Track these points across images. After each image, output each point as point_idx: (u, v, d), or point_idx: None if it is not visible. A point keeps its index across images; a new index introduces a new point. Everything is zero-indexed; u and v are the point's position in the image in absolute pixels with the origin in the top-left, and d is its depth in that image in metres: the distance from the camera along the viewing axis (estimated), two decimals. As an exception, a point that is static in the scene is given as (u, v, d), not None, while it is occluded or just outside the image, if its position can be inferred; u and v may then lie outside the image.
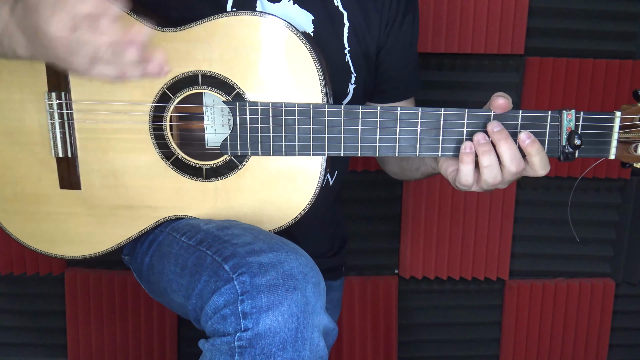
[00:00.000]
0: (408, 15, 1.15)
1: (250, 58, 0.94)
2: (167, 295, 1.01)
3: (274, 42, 0.93)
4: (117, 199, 1.03)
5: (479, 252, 1.73)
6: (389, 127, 0.94)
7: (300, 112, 0.94)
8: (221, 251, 0.86)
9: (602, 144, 0.92)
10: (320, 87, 0.94)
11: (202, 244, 0.91)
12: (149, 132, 0.99)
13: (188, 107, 1.01)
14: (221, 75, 0.95)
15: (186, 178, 1.01)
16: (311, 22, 1.07)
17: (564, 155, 0.92)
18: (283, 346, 0.78)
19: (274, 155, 0.96)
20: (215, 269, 0.85)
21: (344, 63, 1.10)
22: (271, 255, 0.83)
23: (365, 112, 0.93)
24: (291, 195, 0.99)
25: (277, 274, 0.80)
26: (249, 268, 0.81)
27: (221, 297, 0.81)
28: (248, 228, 0.94)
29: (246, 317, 0.79)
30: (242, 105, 0.94)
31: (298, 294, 0.80)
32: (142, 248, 1.09)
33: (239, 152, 0.97)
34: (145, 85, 0.97)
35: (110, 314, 1.74)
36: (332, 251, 1.32)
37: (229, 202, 1.00)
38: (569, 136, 0.90)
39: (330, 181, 1.20)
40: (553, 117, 0.91)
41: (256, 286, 0.79)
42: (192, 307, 0.89)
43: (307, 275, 0.82)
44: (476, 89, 1.64)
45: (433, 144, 0.94)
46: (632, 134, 0.91)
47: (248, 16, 0.93)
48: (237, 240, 0.88)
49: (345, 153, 0.95)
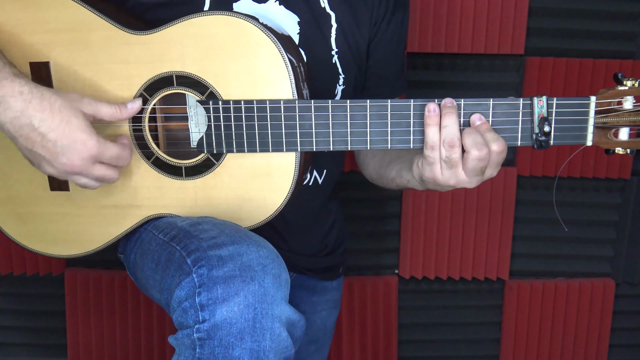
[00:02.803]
0: (397, 12, 1.15)
1: (222, 57, 0.95)
2: (148, 290, 1.03)
3: (245, 41, 0.94)
4: (103, 199, 1.05)
5: (479, 252, 1.73)
6: (359, 120, 0.94)
7: (271, 109, 0.95)
8: (187, 246, 0.88)
9: (578, 130, 0.90)
10: (290, 84, 0.94)
11: (174, 240, 0.93)
12: (129, 133, 1.01)
13: (171, 107, 1.03)
14: (194, 75, 0.97)
15: (166, 177, 1.03)
16: (297, 23, 1.07)
17: (538, 143, 0.90)
18: (241, 336, 0.78)
19: (249, 152, 0.97)
20: (180, 263, 0.86)
21: (331, 64, 1.10)
22: (231, 248, 0.83)
23: (335, 106, 0.93)
24: (268, 192, 1.00)
25: (235, 265, 0.81)
26: (208, 261, 0.82)
27: (182, 290, 0.82)
28: (219, 223, 0.94)
29: (203, 308, 0.79)
30: (215, 104, 0.96)
31: (255, 284, 0.80)
32: (130, 246, 1.11)
33: (215, 150, 0.98)
34: (124, 88, 0.99)
35: (110, 313, 1.75)
36: (326, 251, 1.32)
37: (209, 199, 1.02)
38: (540, 123, 0.88)
39: (319, 180, 1.20)
40: (525, 105, 0.89)
41: (212, 278, 0.80)
42: (164, 301, 0.91)
43: (267, 266, 0.83)
44: (476, 89, 1.64)
45: (404, 135, 0.94)
46: (610, 118, 0.87)
47: (218, 16, 0.94)
48: (204, 235, 0.89)
49: (318, 148, 0.96)
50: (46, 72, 0.99)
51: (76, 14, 0.98)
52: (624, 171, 1.68)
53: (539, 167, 1.68)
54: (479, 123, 0.91)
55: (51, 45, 0.99)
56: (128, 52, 0.98)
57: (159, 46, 0.97)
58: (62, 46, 0.99)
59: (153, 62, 0.97)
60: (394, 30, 1.16)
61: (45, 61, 0.99)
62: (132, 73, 0.98)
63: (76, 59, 0.99)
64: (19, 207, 1.07)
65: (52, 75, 1.00)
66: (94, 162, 0.91)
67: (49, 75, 1.00)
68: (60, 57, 0.99)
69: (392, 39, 1.17)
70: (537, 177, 1.69)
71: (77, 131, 0.88)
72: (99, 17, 0.97)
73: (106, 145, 0.91)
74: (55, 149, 0.87)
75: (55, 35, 0.99)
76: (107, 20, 0.97)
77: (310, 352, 1.35)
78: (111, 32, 0.98)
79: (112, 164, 0.94)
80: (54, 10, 0.98)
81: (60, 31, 0.98)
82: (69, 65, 0.99)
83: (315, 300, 1.33)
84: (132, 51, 0.98)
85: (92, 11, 0.97)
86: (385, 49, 1.16)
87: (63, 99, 0.88)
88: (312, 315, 1.33)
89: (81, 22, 0.98)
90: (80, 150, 0.88)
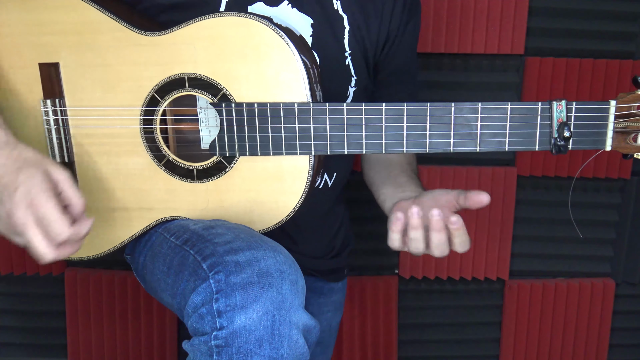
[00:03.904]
0: (410, 22, 1.15)
1: (235, 59, 0.94)
2: (158, 294, 1.02)
3: (257, 42, 0.93)
4: (113, 202, 1.04)
5: (479, 252, 1.73)
6: (374, 123, 0.93)
7: (285, 112, 0.94)
8: (202, 250, 0.87)
9: (597, 135, 0.88)
10: (304, 86, 0.93)
11: (187, 244, 0.92)
12: (140, 136, 1.00)
13: (182, 109, 1.02)
14: (207, 77, 0.96)
15: (178, 180, 1.02)
16: (310, 25, 1.07)
17: (556, 148, 0.88)
18: (259, 344, 0.77)
19: (262, 155, 0.97)
20: (195, 268, 0.85)
21: (344, 66, 1.10)
22: (248, 254, 0.82)
23: (350, 109, 0.92)
24: (280, 195, 0.99)
25: (253, 271, 0.80)
26: (225, 267, 0.81)
27: (198, 296, 0.81)
28: (233, 227, 0.94)
29: (221, 315, 0.78)
30: (228, 106, 0.95)
31: (273, 291, 0.79)
32: (139, 247, 1.10)
33: (227, 152, 0.97)
34: (135, 90, 0.98)
35: (110, 313, 1.75)
36: (333, 253, 1.32)
37: (220, 202, 1.01)
38: (559, 128, 0.87)
39: (329, 182, 1.19)
40: (543, 109, 0.88)
41: (231, 284, 0.79)
42: (177, 306, 0.90)
43: (284, 272, 0.82)
44: (476, 89, 1.64)
45: (420, 139, 0.92)
46: (629, 123, 0.86)
47: (231, 17, 0.93)
48: (219, 239, 0.88)
49: (332, 151, 0.94)
50: (56, 73, 0.99)
51: (86, 15, 0.97)
52: (624, 171, 1.68)
53: (539, 167, 1.67)
54: (455, 227, 0.91)
55: (61, 46, 0.98)
56: (139, 54, 0.97)
57: (171, 48, 0.96)
58: (71, 47, 0.98)
59: (164, 64, 0.97)
60: (408, 39, 1.16)
61: (55, 62, 0.99)
62: (143, 74, 0.97)
63: (86, 60, 0.98)
64: None
65: (61, 76, 0.99)
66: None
67: (59, 76, 0.99)
68: (70, 58, 0.99)
69: (406, 48, 1.17)
70: (537, 177, 1.69)
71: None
72: (110, 18, 0.97)
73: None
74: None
75: (65, 36, 0.98)
76: (117, 21, 0.97)
77: (316, 353, 1.35)
78: (121, 33, 0.97)
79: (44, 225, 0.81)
80: (63, 11, 0.97)
81: (70, 32, 0.98)
82: (78, 66, 0.99)
83: (322, 302, 1.34)
84: (143, 52, 0.97)
85: (103, 12, 0.97)
86: (400, 60, 1.16)
87: (35, 154, 0.84)
88: (318, 317, 1.33)
89: (91, 22, 0.97)
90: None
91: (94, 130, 1.01)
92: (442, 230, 0.91)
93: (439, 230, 0.90)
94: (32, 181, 0.80)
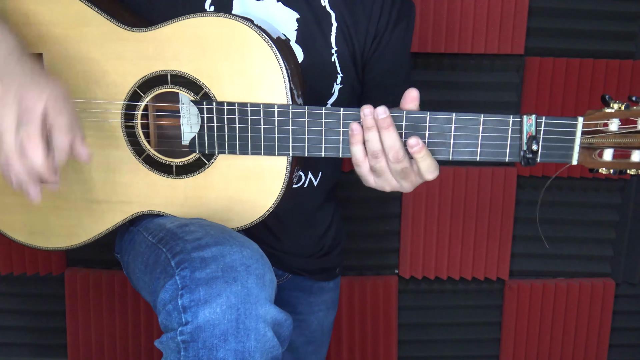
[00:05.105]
0: (400, 23, 1.14)
1: (217, 58, 0.96)
2: (140, 292, 1.03)
3: (241, 43, 0.94)
4: (93, 194, 1.05)
5: (479, 252, 1.73)
6: None
7: (265, 113, 0.95)
8: (173, 248, 0.88)
9: (564, 150, 0.91)
10: (284, 88, 0.95)
11: (161, 242, 0.93)
12: (121, 130, 1.01)
13: (164, 105, 1.03)
14: (189, 74, 0.97)
15: (157, 175, 1.03)
16: (295, 20, 1.07)
17: (525, 160, 0.91)
18: (224, 338, 0.78)
19: (241, 154, 0.98)
20: (165, 265, 0.86)
21: (330, 63, 1.10)
22: (214, 249, 0.83)
23: (328, 113, 0.93)
24: (258, 194, 1.00)
25: (217, 266, 0.81)
26: (190, 263, 0.82)
27: (166, 292, 0.82)
28: (206, 225, 0.94)
29: (186, 310, 0.79)
30: (209, 105, 0.96)
31: (238, 285, 0.80)
32: (125, 247, 1.11)
33: (207, 150, 0.98)
34: (118, 84, 0.99)
35: (110, 313, 1.75)
36: (322, 252, 1.31)
37: (199, 199, 1.02)
38: (528, 141, 0.90)
39: (314, 181, 1.20)
40: (514, 122, 0.90)
41: (195, 280, 0.80)
42: (152, 303, 0.90)
43: (250, 267, 0.82)
44: (476, 89, 1.64)
45: None
46: (596, 139, 0.89)
47: (215, 17, 0.95)
48: (189, 237, 0.89)
49: (310, 153, 0.96)
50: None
51: (72, 8, 0.98)
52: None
53: (539, 167, 1.68)
54: (416, 148, 0.90)
55: (45, 37, 0.99)
56: (123, 49, 0.98)
57: (155, 44, 0.97)
58: (56, 39, 0.99)
59: (148, 60, 0.97)
60: (398, 40, 1.15)
61: (38, 52, 0.99)
62: (127, 69, 0.98)
63: (70, 52, 0.99)
64: (6, 197, 1.06)
65: (45, 68, 0.99)
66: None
67: (42, 67, 0.99)
68: (54, 50, 0.99)
69: (396, 49, 1.16)
70: (537, 177, 1.69)
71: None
72: (95, 12, 0.98)
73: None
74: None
75: (50, 27, 0.99)
76: (103, 15, 0.97)
77: (308, 352, 1.35)
78: (107, 27, 0.98)
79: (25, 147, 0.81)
80: (49, 3, 0.98)
81: (55, 24, 0.98)
82: (62, 58, 0.99)
83: (312, 301, 1.33)
84: (127, 48, 0.98)
85: (89, 5, 0.98)
86: (389, 61, 1.15)
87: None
88: (309, 315, 1.33)
89: (77, 16, 0.98)
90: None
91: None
92: (373, 128, 0.90)
93: (387, 127, 0.89)
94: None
